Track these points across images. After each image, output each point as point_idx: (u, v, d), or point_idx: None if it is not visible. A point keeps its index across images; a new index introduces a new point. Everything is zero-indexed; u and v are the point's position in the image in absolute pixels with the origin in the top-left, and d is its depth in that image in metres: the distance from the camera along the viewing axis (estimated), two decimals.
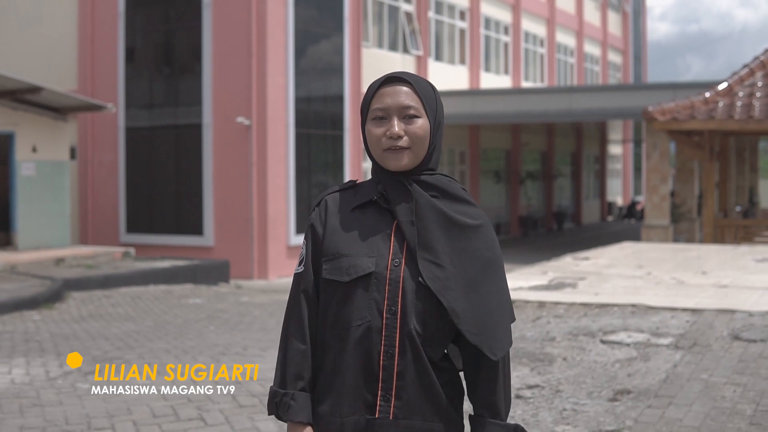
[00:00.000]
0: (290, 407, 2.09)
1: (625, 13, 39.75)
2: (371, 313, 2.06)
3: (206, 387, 5.84)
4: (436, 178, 2.15)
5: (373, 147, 2.14)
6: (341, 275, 2.09)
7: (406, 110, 2.12)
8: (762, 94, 17.95)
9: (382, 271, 2.07)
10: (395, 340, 2.05)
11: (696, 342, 6.71)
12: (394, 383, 2.06)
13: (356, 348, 2.07)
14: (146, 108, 18.08)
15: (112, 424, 4.96)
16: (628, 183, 40.74)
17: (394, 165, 2.11)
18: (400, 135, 2.10)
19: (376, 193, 2.14)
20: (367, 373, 2.07)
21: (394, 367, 2.05)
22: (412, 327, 2.05)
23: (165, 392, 5.66)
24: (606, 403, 5.32)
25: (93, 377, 6.15)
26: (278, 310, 10.69)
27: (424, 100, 2.14)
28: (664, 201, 18.93)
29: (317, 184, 18.17)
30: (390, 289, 2.07)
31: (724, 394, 5.45)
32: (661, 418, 5.04)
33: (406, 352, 2.06)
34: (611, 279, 10.16)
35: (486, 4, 26.34)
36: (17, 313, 10.16)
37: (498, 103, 22.72)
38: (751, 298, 8.49)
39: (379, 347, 2.06)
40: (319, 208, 2.20)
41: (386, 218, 2.13)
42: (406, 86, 2.13)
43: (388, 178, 2.14)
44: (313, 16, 17.99)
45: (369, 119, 2.16)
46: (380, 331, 2.06)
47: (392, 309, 2.06)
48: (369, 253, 2.09)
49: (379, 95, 2.15)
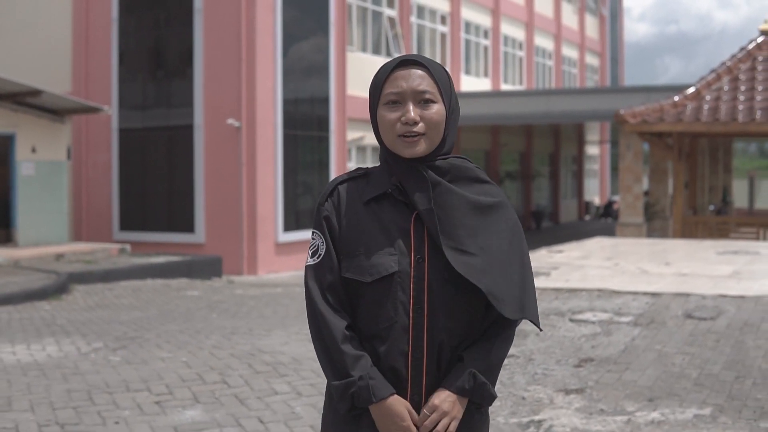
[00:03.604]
0: (373, 387, 1.97)
1: (603, 16, 40.66)
2: (397, 313, 1.99)
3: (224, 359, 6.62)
4: (450, 162, 2.07)
5: (386, 133, 2.04)
6: (363, 275, 2.01)
7: (422, 95, 2.02)
8: (728, 98, 18.91)
9: (405, 268, 2.00)
10: (423, 340, 2.00)
11: (653, 320, 7.57)
12: (424, 383, 2.00)
13: (384, 349, 2.00)
14: (139, 110, 18.69)
15: (148, 387, 5.73)
16: (605, 183, 41.65)
17: (409, 152, 2.02)
18: (416, 121, 2.01)
19: (390, 186, 2.05)
20: (396, 374, 2.00)
21: (423, 367, 2.00)
22: (439, 324, 2.00)
23: (188, 362, 6.45)
24: (572, 368, 6.16)
25: (122, 352, 6.92)
26: (272, 301, 11.42)
27: (440, 84, 2.05)
28: (637, 200, 19.82)
29: (304, 183, 18.89)
30: (415, 287, 2.00)
31: (674, 361, 6.30)
32: (619, 380, 5.87)
33: (434, 351, 2.00)
34: (582, 269, 11.03)
35: (466, 8, 27.16)
36: (29, 304, 10.85)
37: (478, 105, 23.48)
38: (707, 285, 9.37)
39: (407, 348, 1.99)
40: (332, 198, 2.10)
41: (403, 212, 2.04)
42: (421, 69, 2.04)
43: (402, 166, 2.04)
44: (300, 22, 18.68)
45: (381, 104, 2.05)
46: (407, 330, 1.99)
47: (418, 308, 1.99)
48: (390, 250, 2.01)
49: (393, 78, 2.04)
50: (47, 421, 5.02)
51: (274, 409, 5.25)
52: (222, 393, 5.59)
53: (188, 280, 14.46)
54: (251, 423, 4.97)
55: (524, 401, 5.42)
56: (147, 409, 5.26)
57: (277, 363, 6.44)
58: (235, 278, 16.13)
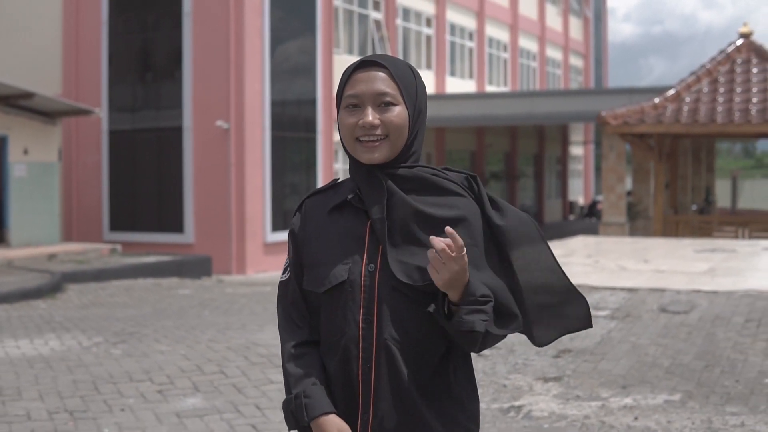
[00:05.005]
0: (307, 405, 1.91)
1: (587, 18, 41.12)
2: (347, 323, 1.92)
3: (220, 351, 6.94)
4: (414, 171, 1.95)
5: (346, 138, 1.96)
6: (317, 285, 1.96)
7: (382, 97, 1.92)
8: (707, 100, 19.36)
9: (355, 278, 1.92)
10: (372, 352, 1.90)
11: (629, 314, 7.95)
12: (372, 399, 1.91)
13: (337, 362, 1.93)
14: (129, 111, 18.91)
15: (150, 377, 6.05)
16: (589, 183, 42.09)
17: (367, 158, 1.93)
18: (374, 124, 1.91)
19: (351, 193, 1.98)
20: (348, 389, 1.93)
21: (371, 382, 1.90)
22: (388, 336, 1.89)
23: (187, 354, 6.76)
24: (551, 359, 6.51)
25: (122, 346, 7.23)
26: (263, 299, 11.72)
27: (402, 85, 1.94)
28: (620, 200, 20.22)
29: (291, 184, 19.18)
30: (365, 297, 1.91)
31: (648, 352, 6.66)
32: (594, 369, 6.23)
33: (383, 365, 1.90)
34: (563, 266, 11.35)
35: (451, 11, 27.52)
36: (24, 302, 11.11)
37: (463, 106, 23.82)
38: (682, 281, 9.75)
39: (357, 361, 1.91)
40: (299, 212, 2.06)
41: (361, 219, 1.96)
42: (381, 71, 1.94)
43: (363, 173, 1.96)
44: (288, 24, 18.96)
45: (342, 107, 1.97)
46: (357, 343, 1.91)
47: (368, 318, 1.91)
48: (344, 259, 1.94)
49: (353, 81, 1.95)
50: (56, 408, 5.32)
51: (270, 397, 5.57)
52: (220, 383, 5.91)
53: (179, 279, 14.73)
54: (249, 409, 5.29)
55: (505, 388, 5.77)
56: (150, 397, 5.58)
57: (271, 355, 6.76)
58: (224, 277, 16.39)
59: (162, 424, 5.01)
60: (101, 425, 5.01)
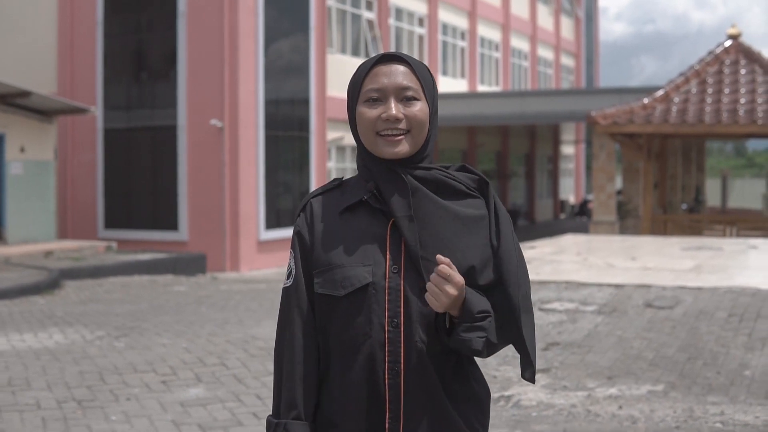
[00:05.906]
0: None
1: (578, 17, 41.40)
2: (372, 327, 1.87)
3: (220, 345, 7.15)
4: (432, 173, 1.93)
5: (365, 132, 1.92)
6: (335, 289, 1.89)
7: (405, 91, 1.90)
8: (696, 100, 19.64)
9: (379, 280, 1.88)
10: (400, 355, 1.86)
11: (615, 309, 8.20)
12: (402, 403, 1.87)
13: (360, 368, 1.88)
14: (124, 110, 19.07)
15: (153, 368, 6.27)
16: (580, 182, 42.37)
17: (389, 152, 1.89)
18: (399, 118, 1.88)
19: (366, 192, 1.93)
20: (374, 394, 1.87)
21: (400, 386, 1.86)
22: (418, 339, 1.86)
23: (188, 347, 6.98)
24: (539, 351, 6.75)
25: (125, 339, 7.44)
26: (257, 296, 11.93)
27: (423, 82, 1.93)
28: (610, 199, 20.49)
29: (285, 182, 19.39)
30: (390, 300, 1.87)
31: (633, 345, 6.91)
32: (581, 361, 6.48)
33: (412, 369, 1.86)
34: (553, 263, 11.66)
35: (444, 11, 27.75)
36: (23, 298, 11.31)
37: (455, 106, 24.02)
38: (668, 277, 10.02)
39: (383, 365, 1.86)
40: (304, 213, 1.99)
41: (379, 219, 1.91)
42: (403, 66, 1.92)
43: (381, 169, 1.92)
44: (281, 24, 19.15)
45: (361, 101, 1.93)
46: (383, 346, 1.86)
47: (394, 321, 1.86)
48: (364, 261, 1.89)
49: (374, 74, 1.92)
50: (65, 397, 5.54)
51: (270, 387, 5.78)
52: (222, 374, 6.13)
53: (174, 277, 14.93)
54: (250, 399, 5.51)
55: (495, 379, 6.01)
56: (154, 387, 5.80)
57: (270, 348, 6.98)
58: (218, 275, 16.58)
59: (167, 413, 5.23)
60: (108, 413, 5.23)
